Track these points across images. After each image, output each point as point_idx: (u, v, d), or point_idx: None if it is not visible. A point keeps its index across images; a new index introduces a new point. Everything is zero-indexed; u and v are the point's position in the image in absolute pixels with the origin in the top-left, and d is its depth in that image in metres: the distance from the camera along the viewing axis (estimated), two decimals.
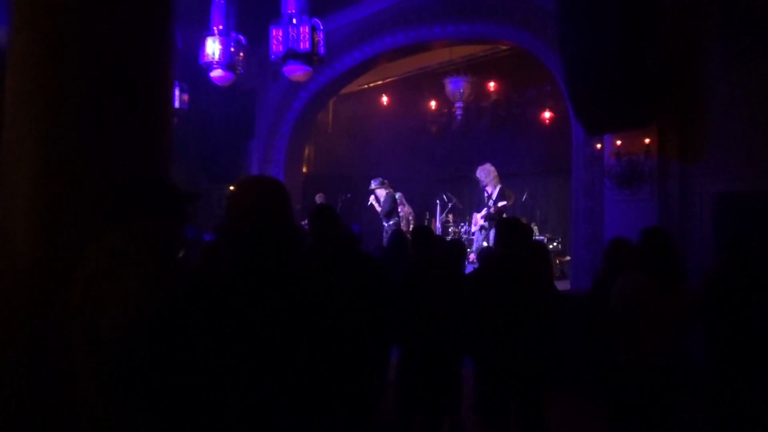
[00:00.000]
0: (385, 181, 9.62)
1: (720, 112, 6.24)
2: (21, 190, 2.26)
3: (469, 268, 7.30)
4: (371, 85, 12.68)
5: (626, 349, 3.24)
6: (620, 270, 3.54)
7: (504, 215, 8.52)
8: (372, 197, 9.68)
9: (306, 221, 3.35)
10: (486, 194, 9.03)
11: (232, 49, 7.82)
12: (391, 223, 9.31)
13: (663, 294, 3.17)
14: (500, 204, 8.70)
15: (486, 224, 8.85)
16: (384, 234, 9.39)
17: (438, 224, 11.00)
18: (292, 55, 6.89)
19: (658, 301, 3.16)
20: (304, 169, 11.95)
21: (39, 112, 2.29)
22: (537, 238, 9.26)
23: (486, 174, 9.04)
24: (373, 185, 9.61)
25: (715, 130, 6.25)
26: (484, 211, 8.88)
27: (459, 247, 4.76)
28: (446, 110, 11.91)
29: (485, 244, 9.11)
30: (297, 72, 7.22)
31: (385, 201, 9.37)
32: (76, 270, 1.70)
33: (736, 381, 3.54)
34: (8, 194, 2.29)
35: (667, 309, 3.17)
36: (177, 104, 8.89)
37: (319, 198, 10.42)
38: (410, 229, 9.22)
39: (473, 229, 9.44)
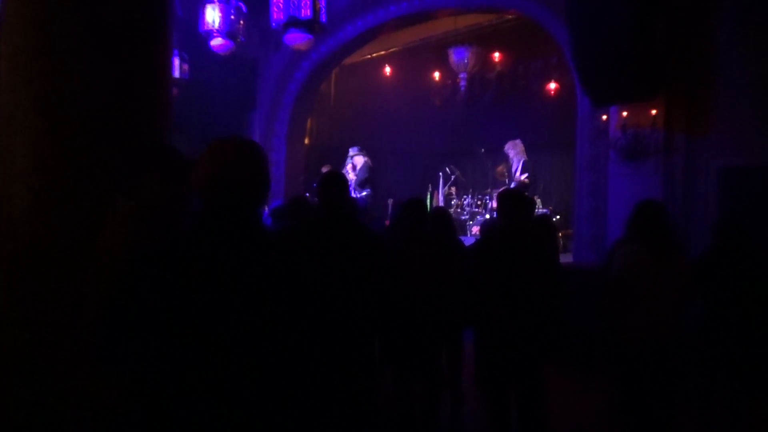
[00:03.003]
0: (363, 150, 9.47)
1: (728, 85, 6.14)
2: (19, 157, 2.24)
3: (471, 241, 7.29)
4: (374, 55, 12.49)
5: (625, 323, 3.24)
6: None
7: (527, 187, 8.54)
8: (349, 165, 9.52)
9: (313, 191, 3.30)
10: (513, 169, 9.04)
11: (232, 17, 7.67)
12: (363, 194, 9.19)
13: (659, 267, 3.16)
14: (523, 176, 8.71)
15: None
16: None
17: (441, 197, 10.97)
18: (293, 22, 6.76)
19: (653, 274, 3.16)
20: (307, 141, 11.86)
21: (34, 77, 2.25)
22: (540, 210, 9.24)
23: (513, 147, 9.09)
24: (352, 152, 9.48)
25: (723, 104, 6.16)
26: (512, 186, 8.88)
27: (445, 216, 4.58)
28: (450, 82, 11.75)
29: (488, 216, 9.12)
30: (298, 40, 7.09)
31: (361, 169, 9.19)
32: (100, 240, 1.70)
33: (731, 355, 3.58)
34: (7, 161, 2.27)
35: (664, 281, 3.17)
36: (177, 74, 8.76)
37: (325, 170, 10.34)
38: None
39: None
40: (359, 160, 9.32)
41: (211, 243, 1.51)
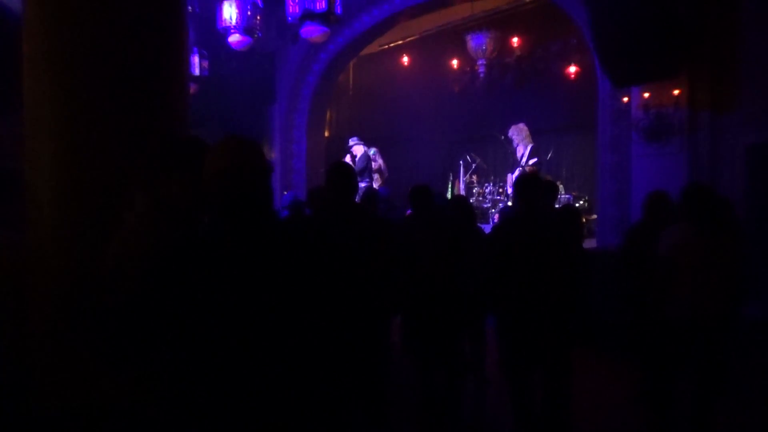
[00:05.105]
0: (362, 141, 9.43)
1: (753, 59, 5.98)
2: (44, 154, 2.33)
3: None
4: (391, 45, 12.44)
5: (674, 302, 3.26)
6: (659, 223, 3.57)
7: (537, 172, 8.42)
8: (348, 156, 9.50)
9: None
10: (518, 154, 8.92)
11: (249, 13, 7.71)
12: (362, 185, 9.14)
13: (709, 245, 3.21)
14: (531, 162, 8.60)
15: None
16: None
17: (462, 185, 10.91)
18: (308, 15, 6.77)
19: (704, 252, 3.21)
20: (327, 133, 11.90)
21: (54, 77, 2.32)
22: (563, 196, 9.13)
23: (518, 133, 8.94)
24: (351, 142, 9.43)
25: (749, 79, 6.00)
26: (517, 172, 8.78)
27: (464, 204, 4.57)
28: (469, 68, 11.62)
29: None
30: (315, 33, 7.10)
31: (359, 160, 9.11)
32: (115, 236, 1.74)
33: None
34: (33, 157, 2.36)
35: (711, 260, 3.21)
36: (197, 71, 8.86)
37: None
38: (382, 183, 9.17)
39: (510, 191, 9.29)
40: (359, 149, 9.28)
41: (225, 238, 1.56)
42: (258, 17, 7.90)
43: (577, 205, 9.52)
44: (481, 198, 10.39)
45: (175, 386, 1.52)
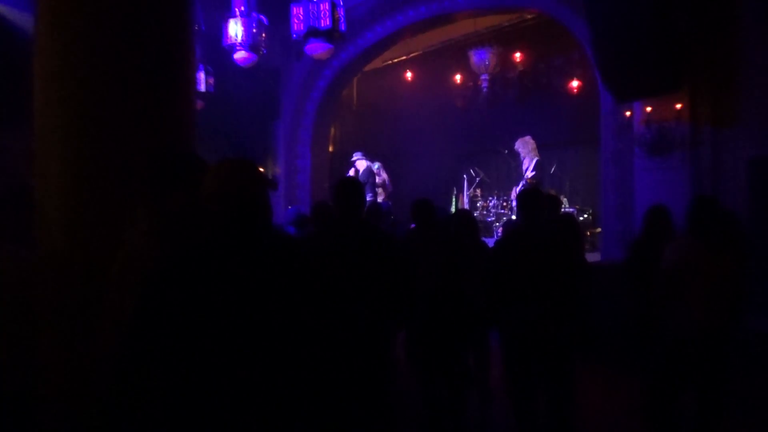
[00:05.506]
0: (365, 156, 9.47)
1: (755, 72, 6.02)
2: (53, 171, 2.38)
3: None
4: (395, 60, 12.57)
5: (678, 315, 3.26)
6: (659, 237, 3.57)
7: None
8: (351, 170, 9.51)
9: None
10: (524, 167, 8.96)
11: (254, 30, 7.83)
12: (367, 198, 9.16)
13: (714, 258, 3.21)
14: (530, 175, 8.62)
15: None
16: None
17: (465, 199, 10.94)
18: (313, 33, 6.87)
19: (709, 266, 3.20)
20: (331, 148, 11.97)
21: (65, 96, 2.38)
22: (567, 210, 9.14)
23: (524, 146, 8.97)
24: (354, 157, 9.47)
25: (750, 93, 6.04)
26: (521, 185, 8.80)
27: (467, 218, 4.58)
28: (472, 83, 11.73)
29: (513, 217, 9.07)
30: (319, 50, 7.20)
31: (362, 174, 9.11)
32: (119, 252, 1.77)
33: None
34: (42, 173, 2.41)
35: (719, 273, 3.21)
36: (203, 88, 8.98)
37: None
38: (386, 198, 9.22)
39: (515, 204, 9.31)
40: (361, 165, 9.34)
41: (223, 252, 1.60)
42: (263, 34, 8.02)
43: (581, 218, 9.54)
44: (485, 212, 10.42)
45: (175, 393, 1.55)
